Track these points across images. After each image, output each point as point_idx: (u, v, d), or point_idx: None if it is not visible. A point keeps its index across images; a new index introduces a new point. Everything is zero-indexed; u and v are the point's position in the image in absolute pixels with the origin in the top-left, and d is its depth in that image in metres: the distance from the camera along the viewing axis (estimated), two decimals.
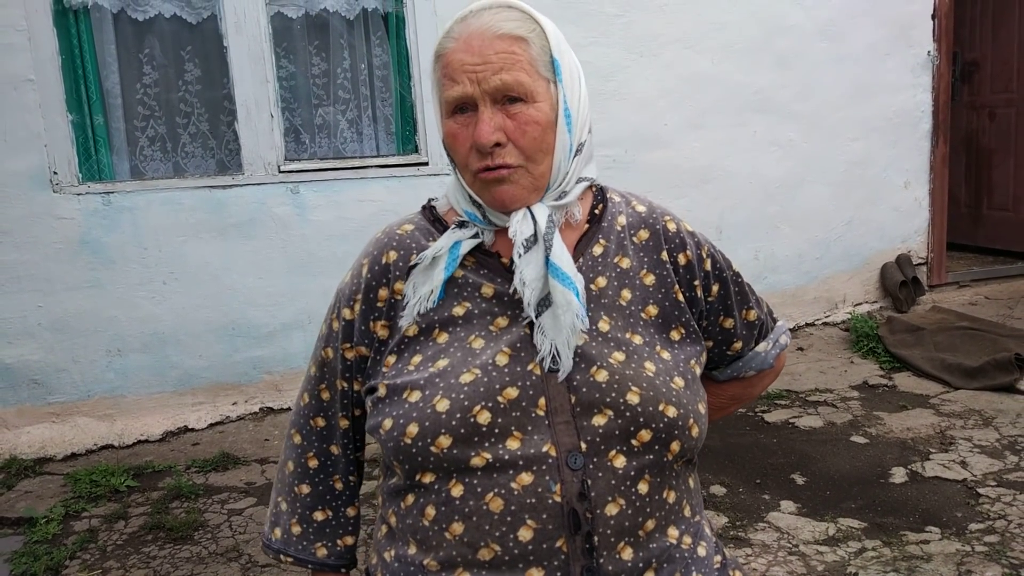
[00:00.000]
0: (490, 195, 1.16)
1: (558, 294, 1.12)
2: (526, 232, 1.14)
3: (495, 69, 1.10)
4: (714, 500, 3.29)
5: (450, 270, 1.17)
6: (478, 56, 1.11)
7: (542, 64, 1.14)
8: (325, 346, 1.28)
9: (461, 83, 1.12)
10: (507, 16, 1.13)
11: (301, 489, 1.32)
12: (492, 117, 1.11)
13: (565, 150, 1.17)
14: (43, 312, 4.01)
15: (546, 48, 1.14)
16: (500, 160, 1.13)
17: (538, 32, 1.14)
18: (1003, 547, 2.84)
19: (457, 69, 1.12)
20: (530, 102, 1.12)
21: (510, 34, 1.12)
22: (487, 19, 1.13)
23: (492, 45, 1.11)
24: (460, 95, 1.12)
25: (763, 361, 1.42)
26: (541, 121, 1.13)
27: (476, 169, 1.14)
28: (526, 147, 1.13)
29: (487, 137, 1.11)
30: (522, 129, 1.12)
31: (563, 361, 1.11)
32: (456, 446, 1.09)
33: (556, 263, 1.13)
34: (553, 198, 1.19)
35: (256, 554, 3.03)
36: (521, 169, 1.14)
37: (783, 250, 5.29)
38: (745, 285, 1.37)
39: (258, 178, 4.26)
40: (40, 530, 3.23)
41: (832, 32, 5.18)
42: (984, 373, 4.34)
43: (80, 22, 4.03)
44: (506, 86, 1.11)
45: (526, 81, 1.11)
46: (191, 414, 4.22)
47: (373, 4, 4.47)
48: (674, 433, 1.13)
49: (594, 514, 1.09)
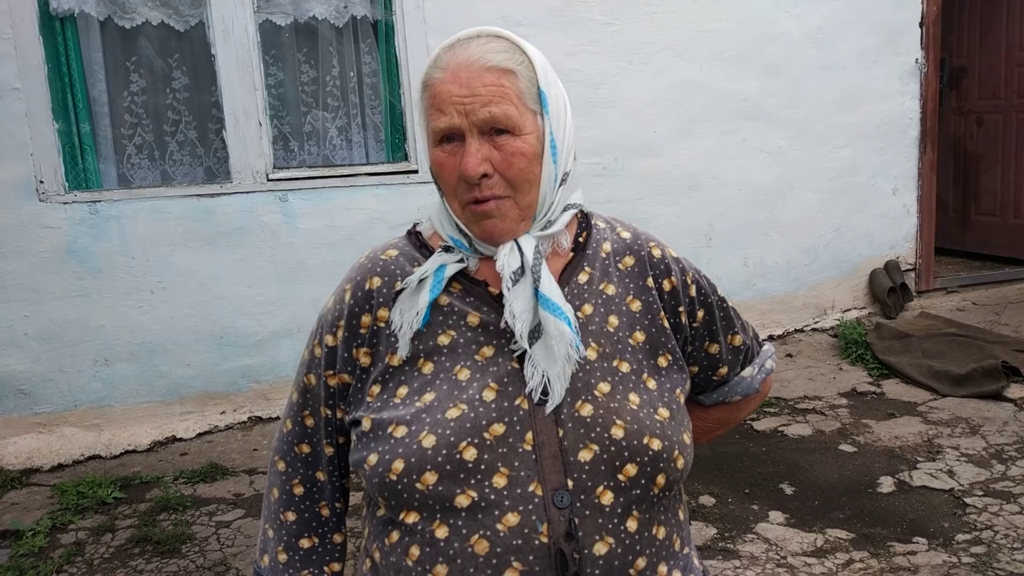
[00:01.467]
0: (479, 228, 1.16)
1: (551, 325, 1.11)
2: (513, 265, 1.14)
3: (483, 102, 1.11)
4: (703, 510, 3.30)
5: (435, 292, 1.16)
6: (466, 88, 1.11)
7: (529, 96, 1.14)
8: (307, 372, 1.26)
9: (449, 115, 1.12)
10: (496, 47, 1.14)
11: (287, 516, 1.31)
12: (479, 149, 1.11)
13: (551, 180, 1.17)
14: (30, 322, 3.99)
15: (533, 80, 1.14)
16: (488, 192, 1.13)
17: (526, 64, 1.14)
18: (989, 558, 2.85)
19: (445, 100, 1.12)
20: (517, 134, 1.12)
21: (498, 67, 1.12)
22: (475, 50, 1.13)
23: (480, 77, 1.11)
24: (448, 126, 1.12)
25: (749, 386, 1.42)
26: (528, 153, 1.13)
27: (465, 201, 1.15)
28: (513, 178, 1.13)
29: (474, 169, 1.11)
30: (509, 161, 1.12)
31: (554, 393, 1.11)
32: (442, 483, 1.08)
33: (546, 294, 1.13)
34: (539, 228, 1.19)
35: (244, 568, 3.01)
36: (508, 201, 1.14)
37: (772, 257, 5.30)
38: (730, 310, 1.37)
39: (246, 186, 4.25)
40: (26, 543, 3.21)
41: (821, 40, 5.20)
42: (971, 380, 4.36)
43: (66, 30, 4.01)
44: (494, 119, 1.11)
45: (513, 114, 1.12)
46: (179, 424, 4.20)
47: (362, 12, 4.46)
48: (659, 466, 1.13)
49: (582, 554, 1.08)
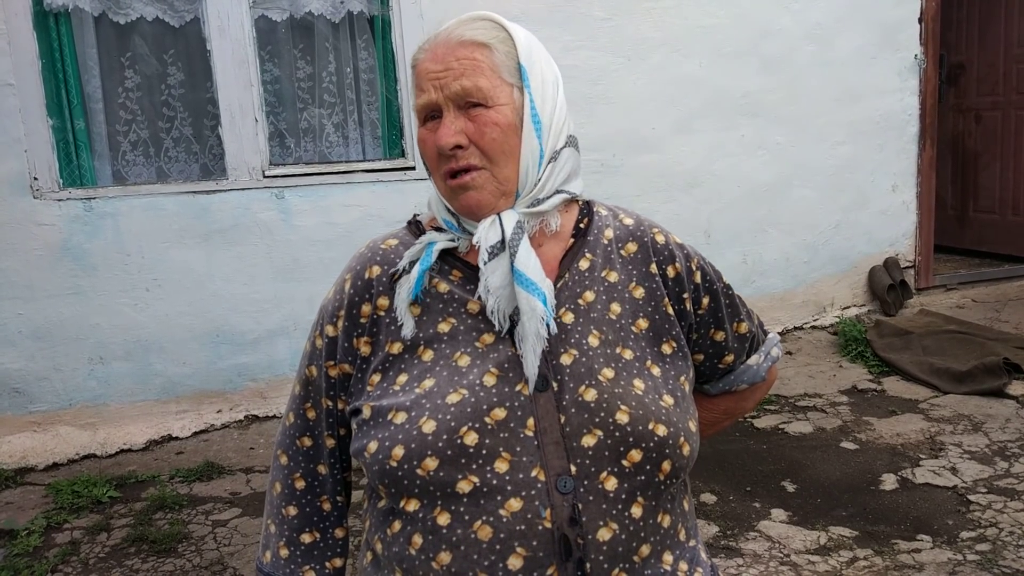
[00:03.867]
0: (459, 202, 1.17)
1: (523, 301, 1.11)
2: (492, 239, 1.13)
3: (456, 75, 1.12)
4: (705, 508, 3.27)
5: (426, 264, 1.16)
6: (441, 63, 1.14)
7: (506, 69, 1.15)
8: (309, 364, 1.26)
9: (427, 91, 1.14)
10: (475, 26, 1.16)
11: (288, 511, 1.29)
12: (454, 121, 1.13)
13: (534, 155, 1.16)
14: (24, 320, 3.95)
15: (512, 54, 1.15)
16: (464, 162, 1.13)
17: (504, 39, 1.16)
18: (995, 555, 2.82)
19: (424, 77, 1.15)
20: (490, 105, 1.13)
21: (472, 40, 1.14)
22: (454, 29, 1.16)
23: (454, 52, 1.14)
24: (426, 102, 1.15)
25: (755, 374, 1.40)
26: (500, 123, 1.13)
27: (443, 173, 1.16)
28: (487, 148, 1.13)
29: (445, 140, 1.12)
30: (481, 131, 1.13)
31: (528, 368, 1.10)
32: (443, 468, 1.07)
33: (521, 269, 1.11)
34: (525, 205, 1.17)
35: (241, 567, 2.98)
36: (485, 172, 1.14)
37: (771, 254, 5.28)
38: (736, 297, 1.35)
39: (242, 183, 4.21)
40: (21, 543, 3.18)
41: (819, 36, 5.18)
42: (973, 377, 4.34)
43: (61, 25, 3.98)
44: (465, 91, 1.12)
45: (485, 85, 1.13)
46: (175, 422, 4.17)
47: (359, 7, 4.43)
48: (665, 452, 1.11)
49: (586, 540, 1.07)
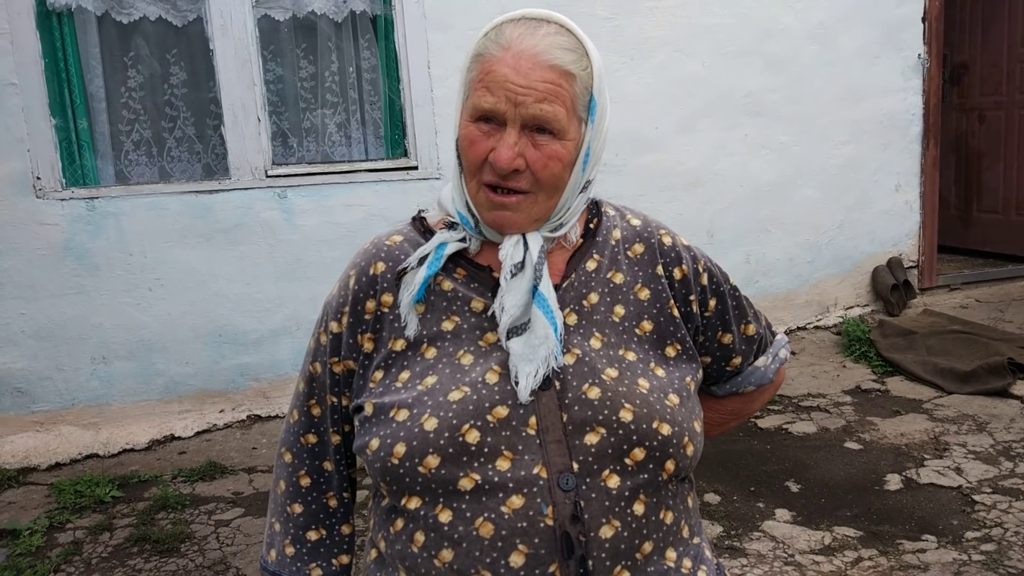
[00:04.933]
0: (491, 216, 1.14)
1: (539, 325, 1.10)
2: (516, 258, 1.13)
3: (537, 98, 1.07)
4: (708, 509, 3.26)
5: (433, 268, 1.15)
6: (524, 78, 1.07)
7: (581, 103, 1.12)
8: (313, 360, 1.25)
9: (497, 97, 1.08)
10: (563, 43, 1.10)
11: (294, 508, 1.29)
12: (517, 142, 1.09)
13: (576, 187, 1.16)
14: (26, 319, 3.95)
15: (588, 87, 1.12)
16: (514, 184, 1.11)
17: (587, 69, 1.12)
18: (1000, 556, 2.81)
19: (498, 83, 1.08)
20: (560, 138, 1.10)
21: (562, 67, 1.09)
22: (542, 40, 1.09)
23: (541, 72, 1.08)
24: (492, 108, 1.09)
25: (763, 376, 1.40)
26: (564, 159, 1.11)
27: (486, 183, 1.12)
28: (544, 180, 1.11)
29: (508, 162, 1.08)
30: (544, 162, 1.10)
31: (522, 390, 1.09)
32: (444, 466, 1.07)
33: (544, 294, 1.12)
34: (549, 229, 1.18)
35: (244, 567, 2.98)
36: (531, 198, 1.12)
37: (774, 253, 5.27)
38: (743, 299, 1.35)
39: (245, 183, 4.21)
40: (23, 542, 3.17)
41: (822, 35, 5.17)
42: (977, 378, 4.33)
43: (64, 25, 3.97)
44: (544, 117, 1.08)
45: (562, 117, 1.09)
46: (177, 422, 4.16)
47: (361, 7, 4.42)
48: (668, 451, 1.11)
49: (588, 537, 1.06)
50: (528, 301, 1.11)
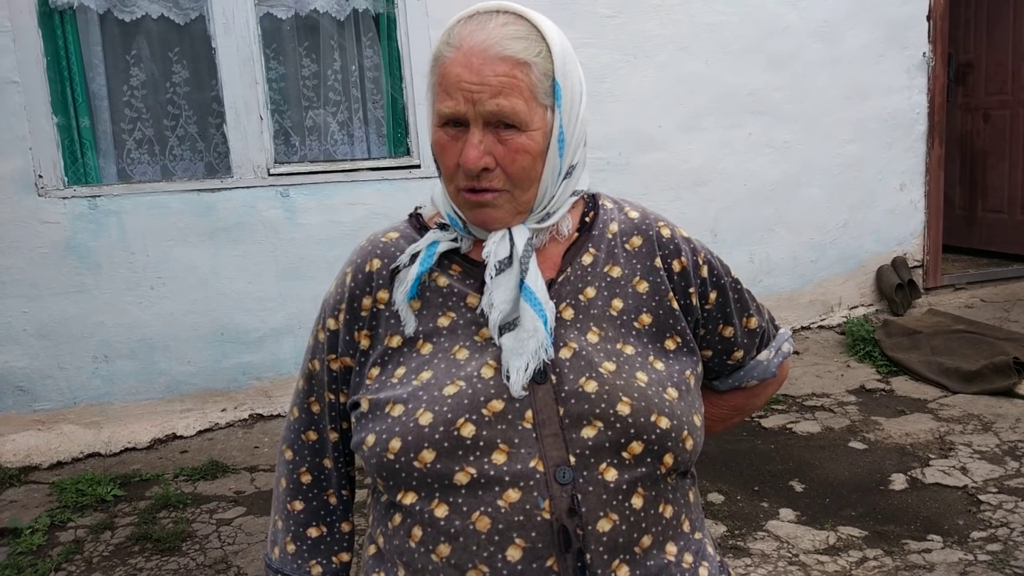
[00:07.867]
0: (472, 215, 1.14)
1: (528, 319, 1.09)
2: (501, 254, 1.12)
3: (492, 92, 1.05)
4: (712, 508, 3.24)
5: (425, 265, 1.14)
6: (476, 75, 1.05)
7: (542, 90, 1.08)
8: (312, 358, 1.25)
9: (455, 99, 1.06)
10: (512, 32, 1.07)
11: (294, 506, 1.29)
12: (482, 140, 1.07)
13: (554, 174, 1.13)
14: (28, 318, 3.94)
15: (549, 72, 1.09)
16: (487, 183, 1.09)
17: (543, 54, 1.08)
18: (1006, 556, 2.79)
19: (453, 84, 1.06)
20: (523, 130, 1.08)
21: (513, 57, 1.05)
22: (492, 32, 1.06)
23: (492, 67, 1.05)
24: (452, 112, 1.07)
25: (765, 370, 1.38)
26: (532, 151, 1.09)
27: (462, 187, 1.11)
28: (514, 175, 1.09)
29: (474, 162, 1.07)
30: (512, 157, 1.08)
31: (514, 385, 1.07)
32: (440, 460, 1.06)
33: (530, 287, 1.10)
34: (536, 220, 1.16)
35: (245, 566, 2.97)
36: (507, 194, 1.11)
37: (778, 253, 5.25)
38: (745, 292, 1.33)
39: (247, 181, 4.20)
40: (25, 541, 3.16)
41: (826, 33, 5.15)
42: (982, 377, 4.31)
43: (66, 23, 3.96)
44: (501, 112, 1.06)
45: (522, 109, 1.06)
46: (179, 421, 4.15)
47: (364, 5, 4.42)
48: (667, 445, 1.09)
49: (585, 531, 1.05)
50: (516, 296, 1.10)
